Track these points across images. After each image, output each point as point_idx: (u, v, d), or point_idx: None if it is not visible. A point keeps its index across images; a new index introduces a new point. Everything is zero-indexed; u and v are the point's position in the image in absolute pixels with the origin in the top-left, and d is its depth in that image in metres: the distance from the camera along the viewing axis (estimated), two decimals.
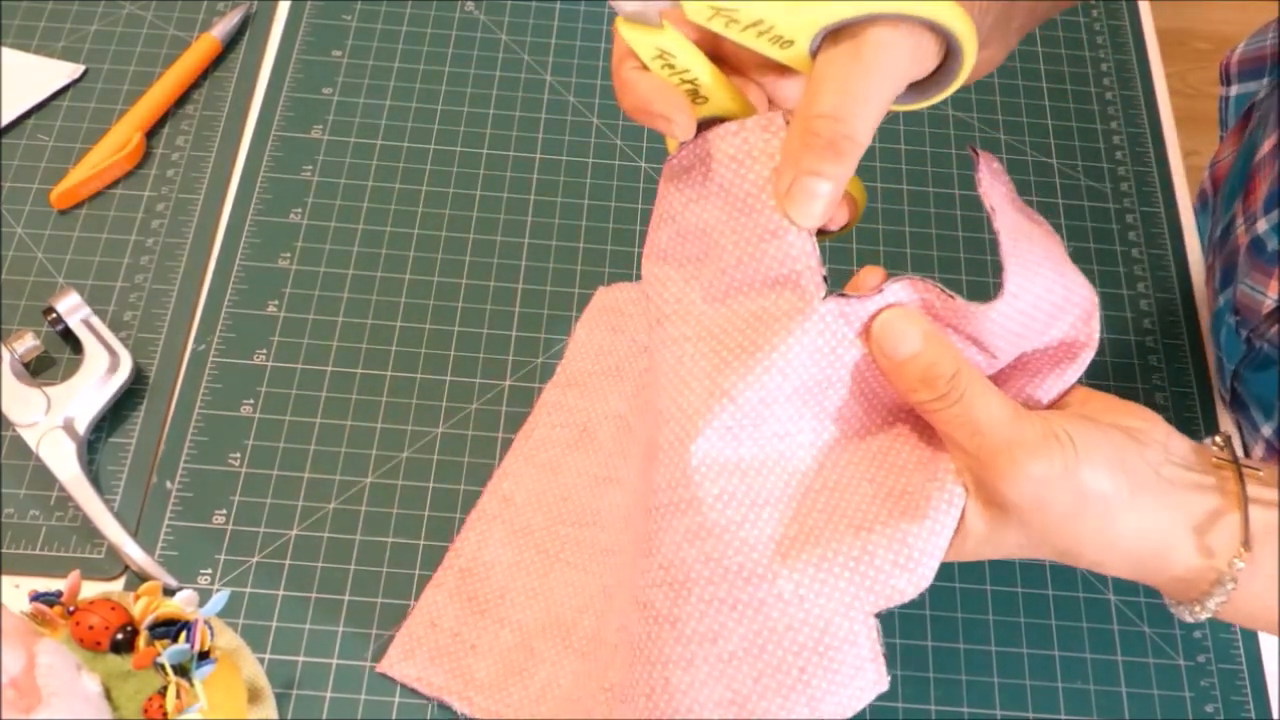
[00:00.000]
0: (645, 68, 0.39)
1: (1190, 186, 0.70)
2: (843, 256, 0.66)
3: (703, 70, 0.38)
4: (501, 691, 0.53)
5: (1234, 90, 0.71)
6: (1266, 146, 0.61)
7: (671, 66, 0.38)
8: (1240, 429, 0.63)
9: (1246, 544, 0.39)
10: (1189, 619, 0.41)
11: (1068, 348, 0.42)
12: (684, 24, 0.38)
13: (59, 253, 0.64)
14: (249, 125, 0.69)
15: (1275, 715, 0.54)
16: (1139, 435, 0.40)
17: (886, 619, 0.54)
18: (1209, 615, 0.41)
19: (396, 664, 0.53)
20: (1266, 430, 0.61)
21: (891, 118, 0.71)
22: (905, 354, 0.38)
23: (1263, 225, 0.59)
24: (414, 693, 0.53)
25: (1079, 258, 0.63)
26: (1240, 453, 0.46)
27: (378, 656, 0.53)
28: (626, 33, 0.38)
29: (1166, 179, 0.70)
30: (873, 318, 0.39)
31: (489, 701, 0.53)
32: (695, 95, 0.39)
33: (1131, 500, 0.39)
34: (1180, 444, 0.41)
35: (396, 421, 0.60)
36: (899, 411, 0.42)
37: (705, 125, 0.40)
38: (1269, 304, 0.58)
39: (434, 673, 0.53)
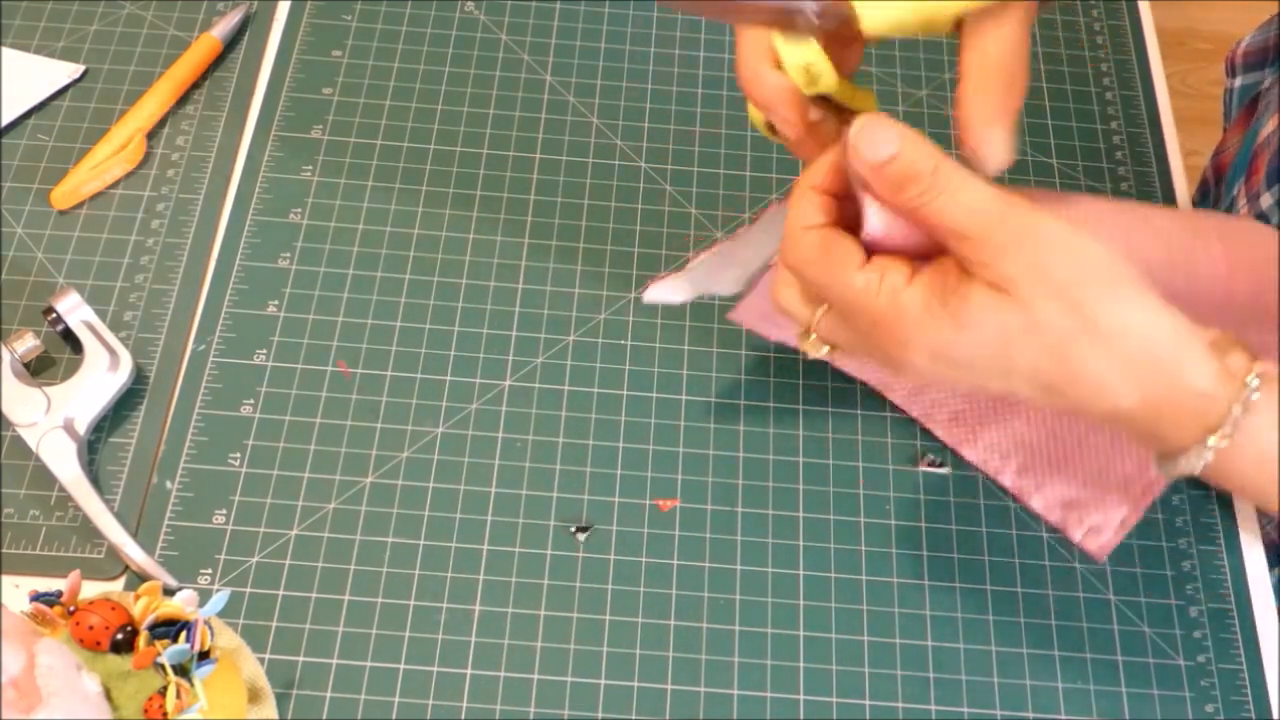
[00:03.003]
0: (776, 66, 0.44)
1: (1190, 187, 0.70)
2: None
3: (830, 75, 0.45)
4: None
5: (1238, 82, 0.71)
6: (1269, 128, 0.61)
7: (809, 73, 0.45)
8: None
9: (1262, 373, 0.37)
10: (1184, 469, 0.39)
11: None
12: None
13: (59, 253, 0.64)
14: (249, 125, 0.69)
15: (1275, 715, 0.54)
16: None
17: (886, 618, 0.55)
18: (1209, 456, 0.38)
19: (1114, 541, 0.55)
20: None
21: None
22: (884, 156, 0.39)
23: (1266, 200, 0.58)
24: (413, 693, 0.53)
25: None
26: None
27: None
28: (783, 47, 0.44)
29: (1166, 179, 0.69)
30: None
31: None
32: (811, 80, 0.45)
33: (1135, 286, 0.37)
34: None
35: (396, 421, 0.60)
36: None
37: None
38: None
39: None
